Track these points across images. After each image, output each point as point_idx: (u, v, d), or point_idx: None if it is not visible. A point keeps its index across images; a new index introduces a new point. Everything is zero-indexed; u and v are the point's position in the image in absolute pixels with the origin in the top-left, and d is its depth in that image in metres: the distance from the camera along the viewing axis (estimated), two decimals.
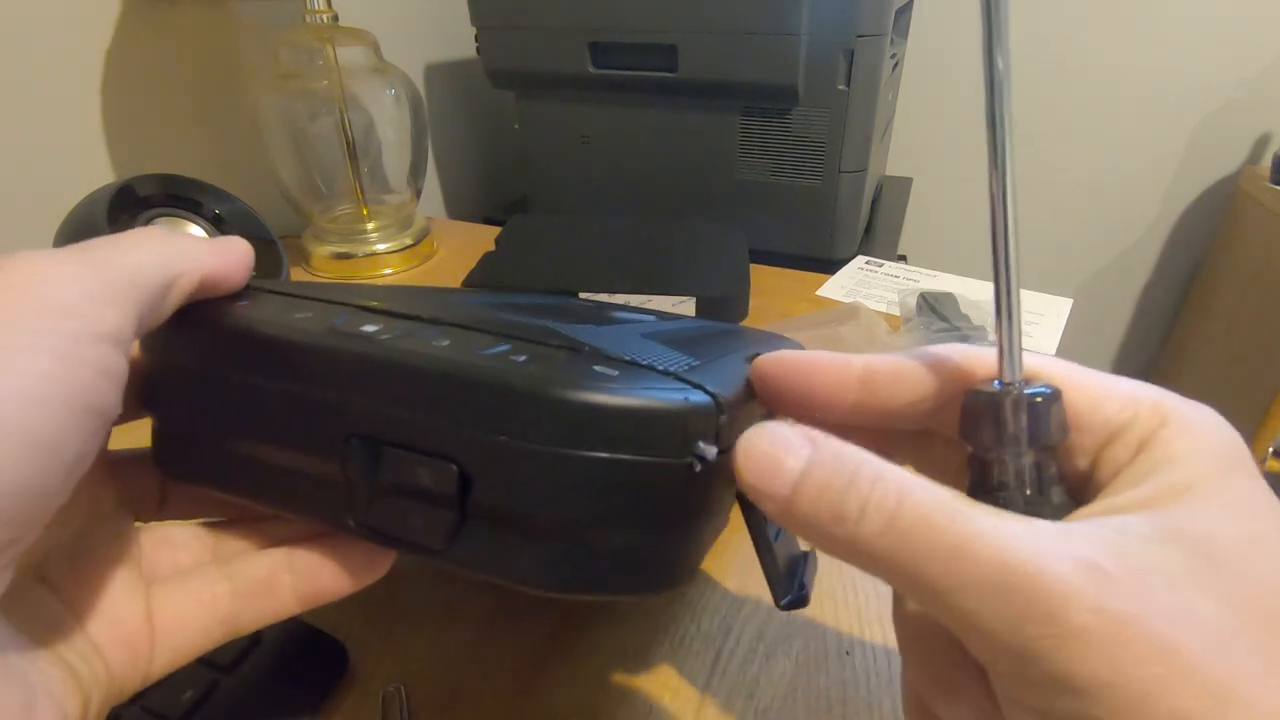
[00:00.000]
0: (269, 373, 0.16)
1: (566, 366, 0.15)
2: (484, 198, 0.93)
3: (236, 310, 0.17)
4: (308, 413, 0.15)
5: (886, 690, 0.24)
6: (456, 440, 0.14)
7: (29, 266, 0.14)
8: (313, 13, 0.52)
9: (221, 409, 0.17)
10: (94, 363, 0.13)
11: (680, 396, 0.14)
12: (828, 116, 0.58)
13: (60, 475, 0.13)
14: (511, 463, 0.13)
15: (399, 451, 0.14)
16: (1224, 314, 0.99)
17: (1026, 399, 0.14)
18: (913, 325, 0.45)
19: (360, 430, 0.15)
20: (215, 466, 0.17)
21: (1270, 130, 0.98)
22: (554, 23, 0.61)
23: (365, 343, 0.15)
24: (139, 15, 0.52)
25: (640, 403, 0.14)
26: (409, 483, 0.14)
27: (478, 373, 0.14)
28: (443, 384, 0.14)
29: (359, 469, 0.15)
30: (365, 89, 0.56)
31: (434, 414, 0.14)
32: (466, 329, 0.16)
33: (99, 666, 0.16)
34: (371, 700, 0.23)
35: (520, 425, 0.13)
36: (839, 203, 0.61)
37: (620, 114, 0.64)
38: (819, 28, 0.55)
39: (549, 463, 0.13)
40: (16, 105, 0.46)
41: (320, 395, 0.15)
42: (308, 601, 0.18)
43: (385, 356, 0.15)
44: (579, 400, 0.13)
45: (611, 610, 0.27)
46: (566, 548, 0.14)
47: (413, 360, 0.14)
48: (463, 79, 0.86)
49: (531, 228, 0.58)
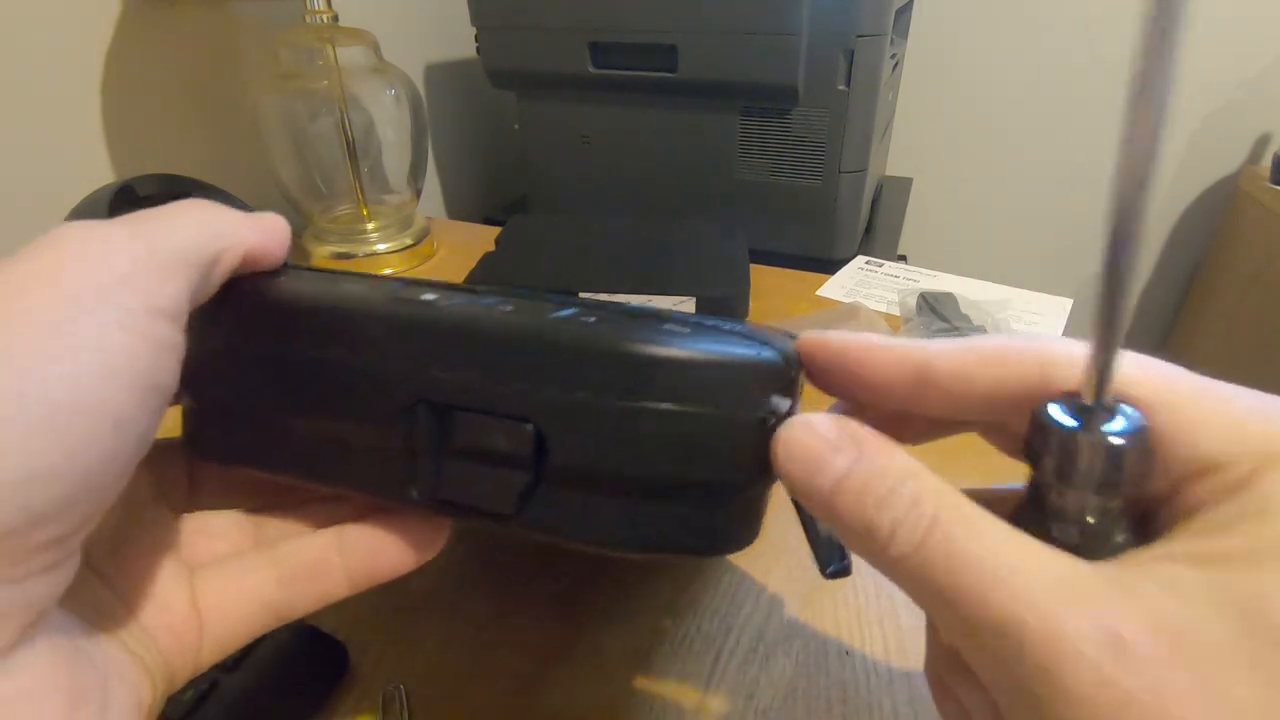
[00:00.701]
0: (329, 344, 0.15)
1: (640, 325, 0.14)
2: (484, 198, 0.93)
3: (284, 284, 0.16)
4: (370, 382, 0.15)
5: (886, 690, 0.24)
6: (533, 401, 0.14)
7: (83, 238, 0.13)
8: (313, 13, 0.52)
9: (272, 385, 0.16)
10: (155, 337, 0.13)
11: (753, 352, 0.14)
12: (828, 116, 0.58)
13: (130, 454, 0.13)
14: (589, 420, 0.13)
15: (471, 415, 0.14)
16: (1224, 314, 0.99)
17: (1104, 443, 0.12)
18: (913, 325, 0.45)
19: (429, 396, 0.14)
20: (261, 446, 0.17)
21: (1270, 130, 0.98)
22: (554, 23, 0.61)
23: (433, 309, 0.15)
24: (139, 15, 0.52)
25: (717, 357, 0.14)
26: (481, 447, 0.14)
27: (554, 333, 0.14)
28: (519, 345, 0.14)
29: (426, 437, 0.15)
30: (365, 89, 0.56)
31: (509, 376, 0.14)
32: (525, 298, 0.16)
33: (155, 654, 0.15)
34: (371, 700, 0.23)
35: (599, 382, 0.13)
36: (839, 203, 0.61)
37: (620, 114, 0.64)
38: (819, 28, 0.55)
39: (627, 418, 0.13)
40: (16, 105, 0.46)
41: (385, 364, 0.15)
42: (360, 583, 0.17)
43: (457, 321, 0.14)
44: (657, 355, 0.13)
45: (612, 610, 0.27)
46: (639, 506, 0.14)
47: (486, 323, 0.14)
48: (463, 79, 0.86)
49: (531, 228, 0.58)
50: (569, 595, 0.27)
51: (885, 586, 0.28)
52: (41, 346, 0.12)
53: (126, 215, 0.15)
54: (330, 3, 0.52)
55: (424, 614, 0.27)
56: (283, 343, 0.16)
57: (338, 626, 0.25)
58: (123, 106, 0.52)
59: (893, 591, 0.27)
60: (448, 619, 0.26)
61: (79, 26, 0.49)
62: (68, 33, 0.48)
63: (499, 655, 0.25)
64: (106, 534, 0.16)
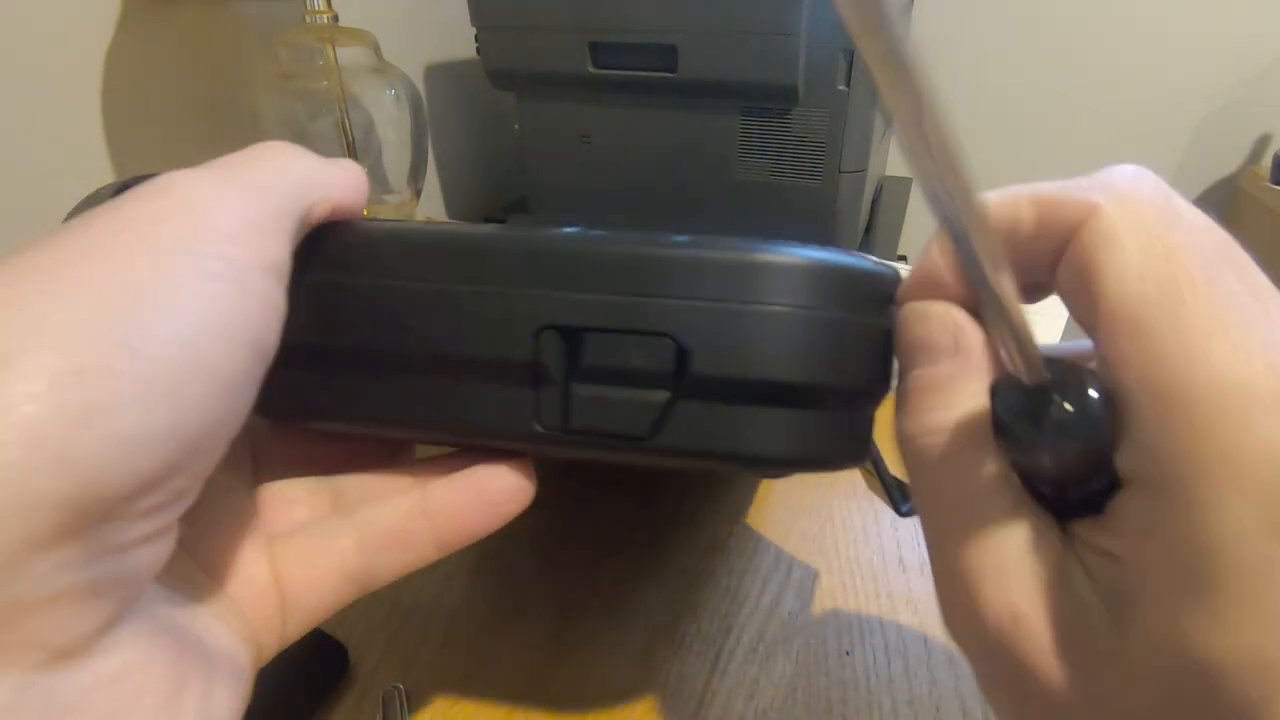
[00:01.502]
0: (443, 276, 0.15)
1: (767, 242, 0.14)
2: (484, 198, 0.93)
3: (377, 226, 0.16)
4: (490, 313, 0.15)
5: (886, 690, 0.24)
6: (671, 314, 0.14)
7: (188, 188, 0.13)
8: (313, 13, 0.52)
9: (374, 327, 0.15)
10: (261, 294, 0.13)
11: (873, 265, 0.15)
12: (828, 116, 0.58)
13: (237, 418, 0.12)
14: (729, 330, 0.14)
15: (605, 336, 0.14)
16: None
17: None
18: None
19: (557, 321, 0.14)
20: (353, 398, 0.16)
21: (1270, 130, 0.98)
22: (554, 23, 0.61)
23: (556, 235, 0.15)
24: (139, 15, 0.52)
25: (847, 266, 0.14)
26: (617, 367, 0.14)
27: (689, 247, 0.14)
28: (653, 262, 0.14)
29: (555, 363, 0.14)
30: (365, 89, 0.56)
31: (645, 292, 0.14)
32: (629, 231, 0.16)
33: (245, 627, 0.15)
34: (371, 700, 0.23)
35: (737, 291, 0.14)
36: (839, 203, 0.61)
37: (620, 114, 0.64)
38: (819, 28, 0.55)
39: (766, 324, 0.14)
40: (17, 105, 0.46)
41: (508, 293, 0.14)
42: (447, 545, 0.16)
43: (585, 243, 0.14)
44: (795, 262, 0.14)
45: (612, 610, 0.27)
46: (771, 417, 0.14)
47: (616, 244, 0.14)
48: (463, 79, 0.86)
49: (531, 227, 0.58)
50: (569, 595, 0.27)
51: (885, 586, 0.28)
52: (152, 299, 0.11)
53: (222, 161, 0.14)
54: (330, 3, 0.52)
55: (424, 614, 0.27)
56: (390, 278, 0.15)
57: (337, 626, 0.25)
58: (123, 106, 0.52)
59: (892, 591, 0.27)
60: (448, 619, 0.26)
61: (79, 26, 0.49)
62: (68, 33, 0.48)
63: (499, 655, 0.25)
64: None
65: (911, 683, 0.24)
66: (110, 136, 0.52)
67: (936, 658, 0.25)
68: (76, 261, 0.11)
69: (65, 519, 0.10)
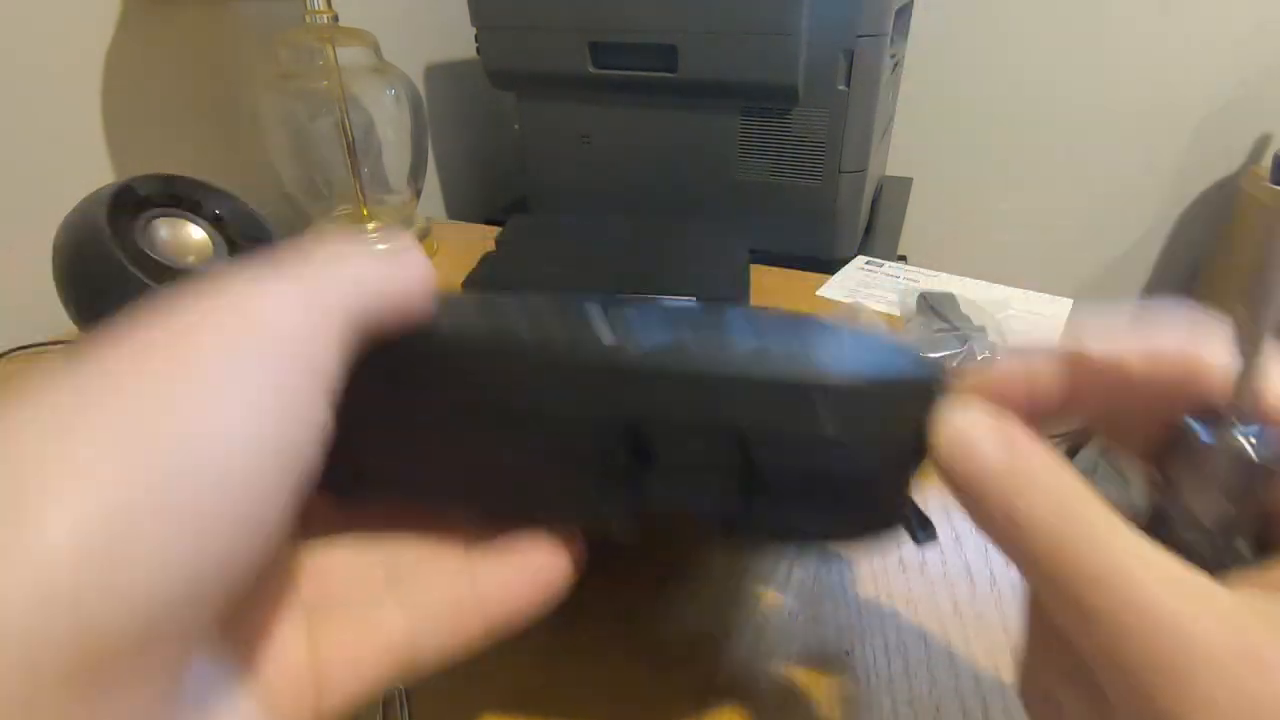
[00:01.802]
0: (519, 390, 0.15)
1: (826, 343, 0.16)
2: (484, 198, 0.93)
3: (441, 328, 0.15)
4: (565, 421, 0.15)
5: (886, 690, 0.24)
6: (741, 425, 0.15)
7: (247, 289, 0.12)
8: (313, 13, 0.52)
9: (449, 438, 0.16)
10: (308, 417, 0.12)
11: (920, 373, 0.16)
12: (828, 116, 0.58)
13: (269, 550, 0.12)
14: (796, 440, 0.15)
15: (676, 436, 0.15)
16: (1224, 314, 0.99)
17: (1247, 459, 0.12)
18: (913, 325, 0.45)
19: (638, 422, 0.15)
20: (424, 486, 0.16)
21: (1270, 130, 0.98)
22: (554, 23, 0.61)
23: (624, 352, 0.15)
24: (139, 15, 0.52)
25: (895, 383, 0.15)
26: (686, 465, 0.15)
27: (756, 363, 0.15)
28: (728, 382, 0.15)
29: (629, 463, 0.15)
30: (365, 89, 0.56)
31: (718, 408, 0.15)
32: (695, 318, 0.16)
33: (273, 707, 0.14)
34: (371, 700, 0.23)
35: (806, 409, 0.15)
36: (839, 203, 0.61)
37: (620, 114, 0.64)
38: (819, 28, 0.55)
39: (831, 441, 0.15)
40: (17, 105, 0.46)
41: (577, 407, 0.15)
42: (494, 629, 0.16)
43: (656, 360, 0.15)
44: (851, 383, 0.15)
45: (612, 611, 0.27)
46: (824, 507, 0.16)
47: (686, 358, 0.15)
48: (463, 79, 0.86)
49: (531, 228, 0.58)
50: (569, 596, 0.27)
51: (885, 587, 0.28)
52: (190, 426, 0.11)
53: (280, 260, 0.13)
54: (330, 3, 0.52)
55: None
56: (454, 392, 0.15)
57: None
58: (123, 106, 0.52)
59: (892, 591, 0.27)
60: None
61: (79, 26, 0.49)
62: (68, 33, 0.48)
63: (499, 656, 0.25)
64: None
65: (911, 683, 0.24)
66: (110, 136, 0.52)
67: (936, 658, 0.25)
68: (123, 374, 0.11)
69: (75, 667, 0.09)
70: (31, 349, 0.46)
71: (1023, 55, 1.00)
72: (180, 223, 0.42)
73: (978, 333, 0.43)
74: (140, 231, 0.40)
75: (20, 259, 0.47)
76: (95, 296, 0.38)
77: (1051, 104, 1.03)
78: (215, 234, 0.43)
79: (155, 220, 0.41)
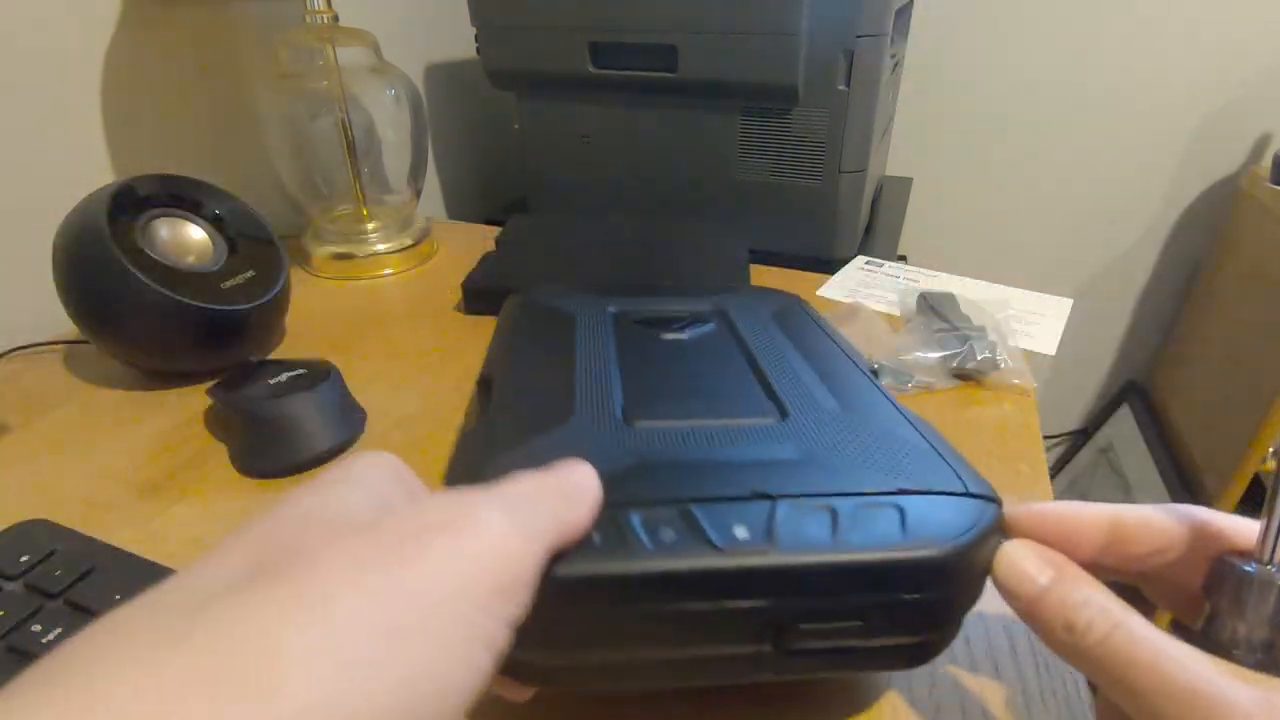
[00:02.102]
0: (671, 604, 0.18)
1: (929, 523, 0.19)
2: (484, 198, 0.93)
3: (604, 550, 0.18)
4: (720, 620, 0.18)
5: (887, 690, 0.24)
6: (865, 600, 0.18)
7: (487, 529, 0.14)
8: (313, 13, 0.52)
9: (620, 646, 0.18)
10: (487, 661, 0.13)
11: (972, 531, 0.19)
12: (828, 116, 0.58)
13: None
14: (898, 601, 0.18)
15: (818, 620, 0.18)
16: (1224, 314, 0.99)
17: (1275, 586, 0.16)
18: (913, 325, 0.45)
19: (773, 620, 0.18)
20: (581, 674, 0.19)
21: (1270, 130, 0.98)
22: (554, 23, 0.61)
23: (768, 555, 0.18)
24: (139, 15, 0.52)
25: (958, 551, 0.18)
26: (825, 637, 0.19)
27: (874, 561, 0.18)
28: (852, 570, 0.18)
29: (775, 642, 0.19)
30: (365, 89, 0.56)
31: (851, 592, 0.18)
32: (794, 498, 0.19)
33: None
34: None
35: (898, 585, 0.18)
36: (839, 203, 0.61)
37: (620, 114, 0.64)
38: (819, 28, 0.55)
39: (920, 599, 0.18)
40: (17, 105, 0.46)
41: (733, 607, 0.18)
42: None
43: (798, 565, 0.18)
44: (942, 554, 0.18)
45: None
46: (914, 643, 0.20)
47: (823, 562, 0.18)
48: (463, 79, 0.86)
49: (531, 227, 0.58)
50: None
51: None
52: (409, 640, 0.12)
53: (511, 498, 0.15)
54: (330, 3, 0.52)
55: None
56: (640, 606, 0.18)
57: None
58: (123, 106, 0.52)
59: None
60: None
61: (79, 26, 0.49)
62: (68, 33, 0.48)
63: None
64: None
65: (911, 683, 0.24)
66: (110, 136, 0.52)
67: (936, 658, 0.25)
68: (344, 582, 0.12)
69: None
70: (31, 349, 0.46)
71: (1023, 55, 1.00)
72: (180, 223, 0.42)
73: (978, 333, 0.43)
74: (140, 231, 0.40)
75: (20, 259, 0.47)
76: (95, 296, 0.38)
77: (1051, 104, 1.03)
78: (215, 234, 0.43)
79: (155, 220, 0.41)
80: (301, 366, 0.38)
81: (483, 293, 0.50)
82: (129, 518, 0.32)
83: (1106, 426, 1.19)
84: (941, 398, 0.40)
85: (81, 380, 0.43)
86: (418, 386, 0.42)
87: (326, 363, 0.39)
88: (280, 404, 0.35)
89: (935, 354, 0.41)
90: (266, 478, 0.34)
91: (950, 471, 0.21)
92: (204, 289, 0.40)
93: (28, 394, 0.41)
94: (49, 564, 0.27)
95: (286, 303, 0.45)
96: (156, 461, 0.35)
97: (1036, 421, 0.38)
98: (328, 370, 0.38)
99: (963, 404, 0.40)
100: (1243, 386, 0.92)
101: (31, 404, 0.40)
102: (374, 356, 0.45)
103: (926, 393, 0.41)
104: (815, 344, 0.31)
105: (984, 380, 0.41)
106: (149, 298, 0.37)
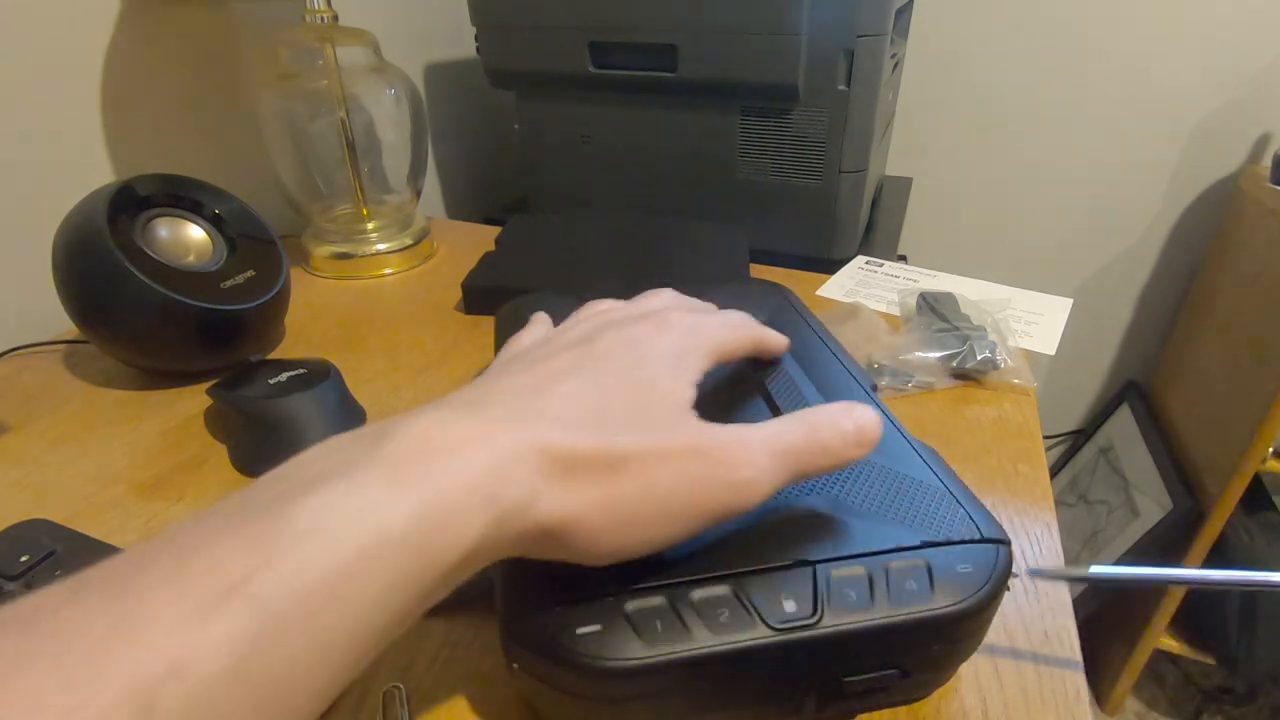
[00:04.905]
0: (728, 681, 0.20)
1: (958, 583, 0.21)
2: (484, 198, 0.93)
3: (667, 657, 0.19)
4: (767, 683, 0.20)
5: None
6: (897, 655, 0.21)
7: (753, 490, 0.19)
8: (313, 13, 0.52)
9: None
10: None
11: (996, 574, 0.21)
12: (828, 116, 0.58)
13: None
14: (929, 649, 0.21)
15: (856, 677, 0.20)
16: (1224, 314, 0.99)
17: None
18: (913, 325, 0.45)
19: (818, 678, 0.20)
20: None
21: (1270, 130, 0.98)
22: (554, 22, 0.61)
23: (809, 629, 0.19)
24: (139, 15, 0.52)
25: (976, 607, 0.20)
26: (866, 689, 0.21)
27: (903, 623, 0.20)
28: (886, 633, 0.20)
29: (814, 695, 0.21)
30: (365, 89, 0.56)
31: (885, 652, 0.20)
32: (830, 561, 0.21)
33: None
34: (372, 700, 0.23)
35: (935, 636, 0.20)
36: (839, 203, 0.61)
37: (620, 114, 0.64)
38: (819, 28, 0.55)
39: (952, 642, 0.21)
40: (17, 105, 0.46)
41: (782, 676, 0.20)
42: None
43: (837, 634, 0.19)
44: (968, 609, 0.20)
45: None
46: (935, 679, 0.23)
47: (862, 629, 0.19)
48: (463, 79, 0.86)
49: (531, 227, 0.58)
50: None
51: None
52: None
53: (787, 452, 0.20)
54: (330, 3, 0.52)
55: (424, 614, 0.26)
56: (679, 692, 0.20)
57: None
58: (123, 106, 0.52)
59: None
60: (448, 619, 0.26)
61: (79, 26, 0.49)
62: (68, 32, 0.48)
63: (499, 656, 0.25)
64: None
65: None
66: (110, 136, 0.52)
67: None
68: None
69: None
70: (31, 349, 0.46)
71: (1023, 55, 1.00)
72: (180, 222, 0.42)
73: (978, 332, 0.43)
74: (140, 231, 0.40)
75: (20, 259, 0.47)
76: (95, 296, 0.38)
77: (1051, 104, 1.03)
78: (215, 234, 0.43)
79: (155, 220, 0.41)
80: (301, 366, 0.38)
81: (482, 292, 0.50)
82: (129, 518, 0.32)
83: (1106, 426, 1.19)
84: (941, 397, 0.40)
85: (81, 380, 0.43)
86: (418, 386, 0.42)
87: (326, 362, 0.39)
88: (280, 404, 0.35)
89: (935, 354, 0.41)
90: None
91: (965, 515, 0.22)
92: (204, 289, 0.40)
93: (28, 394, 0.41)
94: (49, 564, 0.27)
95: (286, 302, 0.45)
96: (156, 461, 0.35)
97: (1036, 421, 0.38)
98: (328, 370, 0.38)
99: (962, 404, 0.40)
100: (1242, 386, 0.92)
101: (31, 404, 0.40)
102: (374, 356, 0.45)
103: (926, 392, 0.41)
104: (815, 356, 0.31)
105: (984, 380, 0.41)
106: (149, 297, 0.37)
